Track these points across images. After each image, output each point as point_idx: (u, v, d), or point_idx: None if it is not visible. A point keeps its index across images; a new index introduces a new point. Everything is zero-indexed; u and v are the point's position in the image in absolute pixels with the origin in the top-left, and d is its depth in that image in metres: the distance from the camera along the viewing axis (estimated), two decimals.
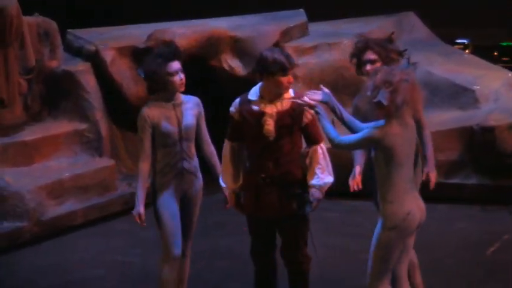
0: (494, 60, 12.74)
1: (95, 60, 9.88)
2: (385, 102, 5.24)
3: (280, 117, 5.89)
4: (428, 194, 9.02)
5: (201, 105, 6.18)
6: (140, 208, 6.02)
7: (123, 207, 9.27)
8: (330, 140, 5.51)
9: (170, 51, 5.94)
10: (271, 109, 5.91)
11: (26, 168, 9.02)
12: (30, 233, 8.45)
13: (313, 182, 5.97)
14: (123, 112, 10.00)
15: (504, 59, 13.14)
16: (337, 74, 10.11)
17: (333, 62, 10.16)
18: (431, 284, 7.14)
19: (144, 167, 6.05)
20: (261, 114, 5.91)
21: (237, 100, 6.06)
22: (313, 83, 10.08)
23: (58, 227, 8.70)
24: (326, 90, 5.75)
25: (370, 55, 6.05)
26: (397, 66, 5.49)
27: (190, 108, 6.11)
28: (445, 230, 8.46)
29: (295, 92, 5.98)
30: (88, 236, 8.73)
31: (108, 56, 9.83)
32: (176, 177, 6.11)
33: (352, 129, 5.66)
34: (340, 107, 5.69)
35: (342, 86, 10.09)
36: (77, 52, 10.16)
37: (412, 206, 5.43)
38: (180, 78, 5.96)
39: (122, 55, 9.91)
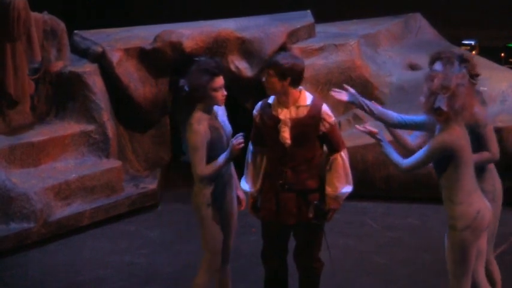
0: (501, 62, 12.70)
1: (102, 62, 9.88)
2: (444, 108, 5.24)
3: (295, 124, 5.85)
4: (434, 195, 9.06)
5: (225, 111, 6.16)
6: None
7: (129, 208, 9.28)
8: (396, 167, 5.49)
9: (216, 66, 5.90)
10: (285, 115, 5.88)
11: (32, 169, 9.03)
12: (38, 234, 8.45)
13: (330, 192, 5.95)
14: (130, 113, 10.01)
15: (511, 60, 13.10)
16: (344, 75, 10.10)
17: (340, 63, 10.14)
18: (437, 285, 7.14)
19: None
20: (277, 120, 5.89)
21: (259, 103, 6.06)
22: (320, 84, 10.08)
23: (65, 228, 8.71)
24: (351, 90, 5.74)
25: (438, 66, 5.97)
26: (451, 70, 5.47)
27: (222, 115, 6.08)
28: None
29: (313, 100, 5.96)
30: (95, 237, 8.74)
31: (115, 57, 9.82)
32: (224, 187, 6.07)
33: (386, 122, 5.65)
34: (368, 102, 5.68)
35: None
36: (83, 53, 10.16)
37: (480, 204, 5.46)
38: (223, 94, 5.93)
39: (128, 56, 9.90)
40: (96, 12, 16.56)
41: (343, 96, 5.74)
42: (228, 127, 6.07)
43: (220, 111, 6.08)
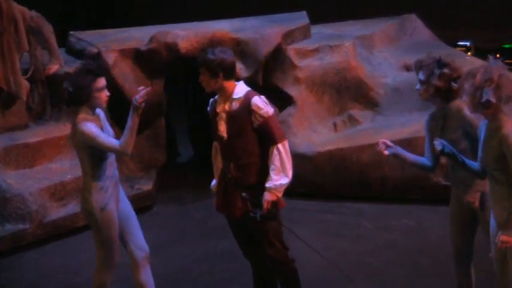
0: None
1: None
2: (492, 100, 5.24)
3: (230, 117, 5.93)
4: (430, 196, 9.07)
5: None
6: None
7: None
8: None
9: (99, 67, 6.04)
10: (220, 109, 5.98)
11: (28, 170, 9.03)
12: (33, 235, 8.45)
13: (266, 184, 5.96)
14: (125, 114, 9.97)
15: (506, 61, 13.11)
16: (339, 76, 10.10)
17: (335, 64, 10.15)
18: (433, 286, 7.14)
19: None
20: (216, 114, 6.01)
21: (211, 100, 6.16)
22: (315, 85, 10.08)
23: (61, 229, 8.70)
24: (442, 141, 5.65)
25: (421, 75, 5.91)
26: (489, 63, 5.46)
27: (104, 119, 6.19)
28: (448, 232, 8.46)
29: (246, 92, 5.97)
30: (90, 238, 8.69)
31: (110, 58, 9.81)
32: (115, 187, 6.16)
33: (474, 172, 5.61)
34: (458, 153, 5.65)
35: (344, 88, 10.09)
36: (79, 54, 10.15)
37: None
38: (106, 94, 6.05)
39: (124, 57, 9.89)
40: (96, 12, 16.56)
41: (439, 147, 5.68)
42: (110, 129, 6.18)
43: (102, 115, 6.18)
